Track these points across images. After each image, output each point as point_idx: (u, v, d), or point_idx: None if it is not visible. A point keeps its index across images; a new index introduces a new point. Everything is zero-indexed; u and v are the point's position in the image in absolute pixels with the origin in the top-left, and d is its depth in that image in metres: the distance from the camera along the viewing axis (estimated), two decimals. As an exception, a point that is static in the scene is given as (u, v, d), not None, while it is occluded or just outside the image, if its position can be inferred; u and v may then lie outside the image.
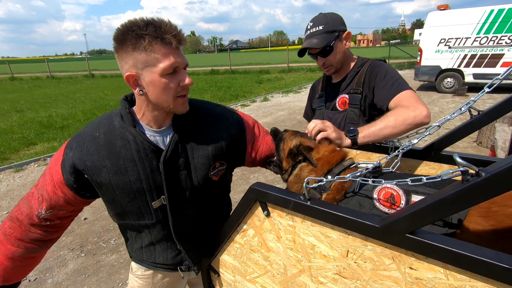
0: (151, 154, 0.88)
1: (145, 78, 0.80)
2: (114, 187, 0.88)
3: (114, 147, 0.86)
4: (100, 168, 0.86)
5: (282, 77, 15.91)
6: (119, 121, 0.88)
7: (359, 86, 1.31)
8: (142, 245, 1.04)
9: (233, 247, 1.02)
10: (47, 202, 0.89)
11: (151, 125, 0.91)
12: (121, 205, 0.92)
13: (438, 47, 8.94)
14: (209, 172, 0.97)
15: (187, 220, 1.00)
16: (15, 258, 0.92)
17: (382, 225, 0.62)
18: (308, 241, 0.79)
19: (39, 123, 7.51)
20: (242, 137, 1.05)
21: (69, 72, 26.75)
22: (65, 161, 0.87)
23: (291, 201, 0.76)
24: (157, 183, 0.90)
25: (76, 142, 0.88)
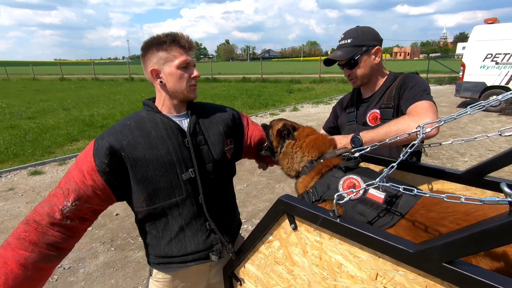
0: (177, 131, 1.05)
1: (165, 70, 1.03)
2: (148, 161, 0.99)
3: (145, 128, 1.02)
4: (135, 145, 0.98)
5: (313, 88, 15.78)
6: (145, 112, 1.07)
7: (390, 100, 1.29)
8: (172, 236, 1.06)
9: (257, 257, 1.03)
10: (74, 193, 0.91)
11: (171, 112, 1.10)
12: (153, 181, 1.00)
13: (483, 62, 8.39)
14: (224, 147, 1.15)
15: (213, 194, 1.11)
16: (28, 266, 0.86)
17: (417, 251, 0.59)
18: (335, 259, 0.77)
19: (82, 121, 8.10)
20: (240, 122, 1.27)
21: (111, 75, 28.67)
22: (99, 148, 0.95)
23: (319, 216, 0.76)
24: (184, 157, 1.04)
25: (107, 133, 1.00)
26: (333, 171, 1.01)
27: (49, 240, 0.89)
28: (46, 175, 4.73)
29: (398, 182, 0.86)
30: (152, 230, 1.08)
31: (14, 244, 0.86)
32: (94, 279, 2.40)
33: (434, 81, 16.77)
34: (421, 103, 1.13)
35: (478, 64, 8.48)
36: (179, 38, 1.04)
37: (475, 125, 7.27)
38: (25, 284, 0.87)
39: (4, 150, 5.66)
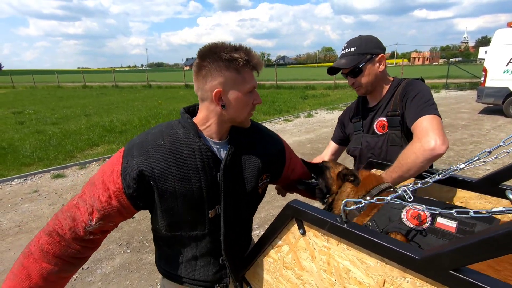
0: (212, 163, 0.93)
1: (231, 95, 0.90)
2: (178, 195, 0.90)
3: (180, 156, 0.90)
4: (167, 175, 0.88)
5: (328, 94, 15.68)
6: (183, 131, 0.93)
7: (396, 107, 1.28)
8: (183, 259, 1.04)
9: (267, 261, 1.04)
10: (99, 213, 0.86)
11: (212, 137, 0.97)
12: (179, 214, 0.93)
13: (507, 67, 8.08)
14: (257, 184, 1.04)
15: (236, 231, 1.05)
16: (50, 278, 0.87)
17: (423, 257, 0.59)
18: (343, 265, 0.78)
19: (102, 127, 8.41)
20: (283, 155, 1.14)
21: (131, 82, 29.64)
22: (127, 169, 0.86)
23: (327, 222, 0.77)
24: (214, 192, 0.95)
25: (138, 150, 0.89)
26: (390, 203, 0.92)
27: (71, 253, 0.88)
28: (67, 179, 4.93)
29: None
30: (166, 249, 1.07)
31: (37, 256, 0.85)
32: (111, 279, 2.48)
33: (454, 87, 16.25)
34: (425, 119, 1.12)
35: (501, 68, 8.18)
36: (251, 58, 0.89)
37: (498, 132, 6.98)
38: None
39: (30, 154, 5.95)
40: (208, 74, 0.88)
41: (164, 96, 16.94)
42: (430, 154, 1.02)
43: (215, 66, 0.86)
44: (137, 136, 0.95)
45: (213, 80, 0.87)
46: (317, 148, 6.26)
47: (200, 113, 0.96)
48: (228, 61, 0.86)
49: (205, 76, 0.88)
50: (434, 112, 1.14)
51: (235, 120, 0.96)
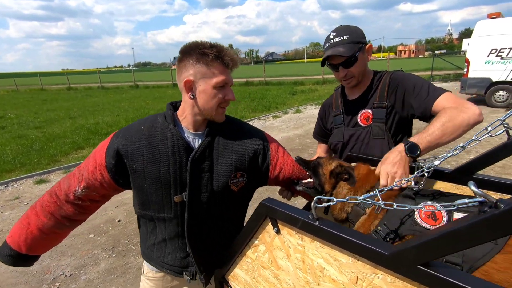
0: (183, 151, 1.00)
1: (199, 86, 0.97)
2: (146, 175, 0.99)
3: (154, 140, 1.00)
4: (138, 156, 0.99)
5: (316, 89, 15.74)
6: (162, 120, 1.03)
7: (383, 99, 1.25)
8: (155, 241, 1.10)
9: (245, 262, 1.02)
10: (85, 182, 1.00)
11: (189, 128, 1.05)
12: (147, 193, 1.02)
13: (488, 57, 8.26)
14: (229, 180, 1.05)
15: (201, 222, 1.06)
16: (44, 230, 1.03)
17: (391, 253, 0.58)
18: (317, 263, 0.76)
19: (87, 129, 8.21)
20: (266, 154, 1.12)
21: (117, 83, 29.07)
22: (110, 147, 1.00)
23: (299, 219, 0.75)
24: (182, 179, 1.00)
25: (123, 132, 1.02)
26: (399, 201, 0.85)
27: (64, 213, 1.03)
28: (51, 184, 4.79)
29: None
30: (143, 227, 1.15)
31: (38, 209, 1.03)
32: (95, 286, 2.41)
33: (439, 79, 16.54)
34: (447, 96, 1.13)
35: (482, 59, 8.35)
36: (223, 54, 0.95)
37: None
38: (41, 244, 1.06)
39: (11, 160, 5.76)
40: (183, 67, 0.97)
41: (151, 96, 16.69)
42: (477, 120, 1.01)
43: (189, 60, 0.95)
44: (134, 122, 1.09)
45: (186, 72, 0.97)
46: (305, 144, 6.27)
47: (181, 104, 1.06)
48: (200, 55, 0.94)
49: (181, 68, 0.98)
50: (444, 90, 1.15)
51: (205, 111, 1.01)
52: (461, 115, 1.02)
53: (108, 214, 3.64)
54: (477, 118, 1.02)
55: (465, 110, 1.03)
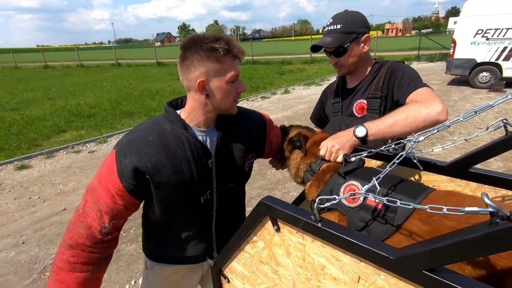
0: (202, 153, 0.98)
1: (213, 84, 0.93)
2: (172, 186, 0.95)
3: (170, 148, 0.94)
4: (161, 168, 0.93)
5: (305, 68, 15.58)
6: (170, 125, 0.97)
7: (378, 90, 1.25)
8: (176, 241, 1.10)
9: (243, 256, 1.02)
10: (108, 215, 0.92)
11: (199, 126, 1.01)
12: (173, 203, 0.99)
13: (474, 38, 8.33)
14: (244, 164, 1.11)
15: (225, 209, 1.11)
16: (87, 283, 0.94)
17: (397, 257, 0.57)
18: (318, 262, 0.76)
19: (69, 111, 7.89)
20: (264, 132, 1.20)
21: (97, 61, 27.76)
22: (123, 168, 0.90)
23: (301, 220, 0.73)
24: (205, 179, 1.01)
25: (129, 149, 0.92)
26: (335, 177, 0.97)
27: (96, 256, 0.95)
28: (33, 169, 4.63)
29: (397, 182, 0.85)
30: (157, 232, 1.12)
31: (67, 269, 0.92)
32: (88, 273, 2.41)
33: (425, 58, 16.68)
34: (422, 90, 1.11)
35: (469, 40, 8.42)
36: (232, 47, 0.92)
37: (465, 102, 7.32)
38: None
39: (-12, 145, 5.50)
40: (190, 65, 0.90)
41: (135, 75, 16.07)
42: (435, 118, 0.99)
43: (197, 57, 0.89)
44: (124, 136, 0.98)
45: (196, 70, 0.90)
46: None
47: (188, 103, 1.00)
48: (209, 51, 0.88)
49: (188, 67, 0.91)
50: (427, 85, 1.14)
51: (220, 108, 0.99)
52: (420, 110, 1.01)
53: (96, 200, 3.58)
54: (437, 115, 0.99)
55: (428, 106, 1.01)
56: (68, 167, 4.66)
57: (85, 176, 4.28)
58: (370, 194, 0.72)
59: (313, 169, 1.08)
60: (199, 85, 0.91)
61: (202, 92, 0.93)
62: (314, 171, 1.07)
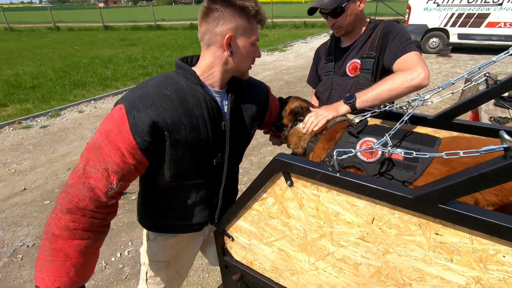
0: (217, 113, 0.97)
1: (240, 42, 0.91)
2: (189, 144, 0.92)
3: (188, 105, 0.90)
4: (179, 125, 0.88)
5: (266, 34, 15.20)
6: (185, 81, 0.93)
7: (372, 50, 1.28)
8: (181, 208, 1.08)
9: (250, 214, 1.05)
10: (117, 174, 0.84)
11: (215, 86, 0.98)
12: (187, 163, 0.95)
13: (427, 4, 8.75)
14: (251, 131, 1.13)
15: (232, 175, 1.13)
16: (87, 251, 0.87)
17: (415, 196, 0.64)
18: (332, 209, 0.82)
19: (6, 82, 6.91)
20: (267, 102, 1.20)
21: (31, 23, 24.08)
22: (137, 123, 0.82)
23: (318, 172, 0.77)
24: (220, 141, 1.00)
25: (144, 102, 0.84)
26: (346, 136, 1.01)
27: (98, 222, 0.87)
28: (-25, 149, 4.09)
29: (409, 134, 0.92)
30: (161, 200, 1.08)
31: (66, 236, 0.82)
32: (65, 251, 2.31)
33: (381, 24, 17.20)
34: (409, 56, 1.16)
35: (422, 6, 8.84)
36: (260, 10, 0.90)
37: (417, 67, 7.83)
38: (91, 265, 0.92)
39: None
40: (220, 18, 0.87)
41: (79, 41, 14.34)
42: (419, 83, 1.08)
43: (229, 11, 0.86)
44: (131, 91, 0.90)
45: (225, 25, 0.87)
46: (262, 92, 6.24)
47: (203, 60, 0.95)
48: (240, 9, 0.86)
49: (217, 19, 0.87)
50: (415, 49, 1.19)
51: (238, 70, 0.97)
52: (404, 75, 1.10)
53: (60, 178, 3.33)
54: (421, 81, 1.09)
55: (412, 73, 1.10)
56: (19, 144, 4.19)
57: (41, 153, 3.91)
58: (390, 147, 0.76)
59: (318, 138, 1.11)
60: (227, 40, 0.88)
61: (227, 48, 0.90)
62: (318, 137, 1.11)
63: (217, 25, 0.87)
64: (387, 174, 0.89)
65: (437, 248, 0.68)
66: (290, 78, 7.15)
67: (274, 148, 3.68)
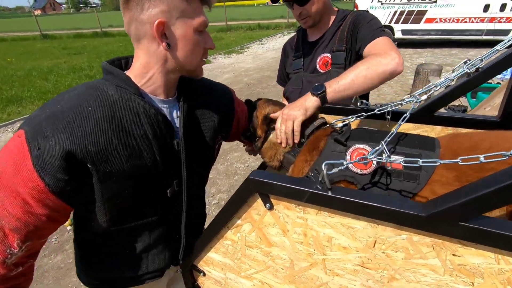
0: (165, 129, 0.73)
1: (177, 29, 0.67)
2: (128, 175, 0.68)
3: (121, 123, 0.66)
4: (110, 152, 0.64)
5: (222, 37, 15.02)
6: (116, 91, 0.68)
7: (342, 42, 1.16)
8: (130, 256, 0.83)
9: (223, 245, 0.87)
10: (19, 233, 0.61)
11: (158, 94, 0.75)
12: (128, 200, 0.71)
13: (372, 3, 9.25)
14: (215, 146, 0.91)
15: (194, 204, 0.89)
16: None
17: (429, 214, 0.52)
18: (324, 233, 0.68)
19: None
20: (232, 108, 0.98)
21: (-50, 35, 21.08)
22: (44, 156, 0.58)
23: (306, 192, 0.62)
24: (171, 164, 0.77)
25: (53, 125, 0.59)
26: (330, 145, 0.84)
27: None
28: None
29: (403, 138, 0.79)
30: (100, 250, 0.83)
31: None
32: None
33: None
34: (381, 40, 1.04)
35: (368, 4, 9.32)
36: None
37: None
38: None
39: None
40: (145, 1, 0.64)
41: (14, 51, 12.85)
42: (394, 68, 0.92)
43: None
44: (37, 110, 0.64)
45: (153, 7, 0.64)
46: (223, 96, 6.05)
47: (137, 60, 0.71)
48: None
49: (140, 2, 0.64)
50: (388, 35, 1.07)
51: (184, 67, 0.73)
52: (378, 59, 0.96)
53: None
54: (396, 66, 0.94)
55: (386, 57, 0.96)
56: None
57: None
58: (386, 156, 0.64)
59: (297, 149, 0.93)
60: (158, 28, 0.64)
61: (161, 40, 0.66)
62: (298, 151, 0.93)
63: (142, 9, 0.64)
64: (385, 186, 0.76)
65: (455, 271, 0.56)
66: (249, 80, 7.05)
67: (242, 154, 3.51)
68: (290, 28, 15.85)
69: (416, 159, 0.58)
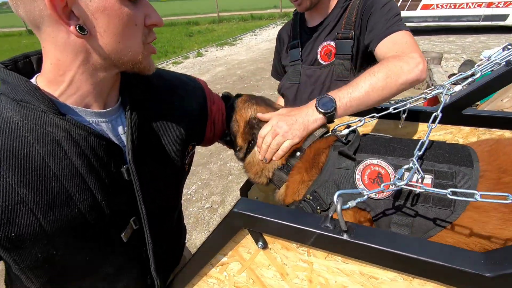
0: (106, 155, 0.53)
1: (89, 0, 0.44)
2: (53, 235, 0.48)
3: (29, 159, 0.46)
4: (13, 208, 0.44)
5: (214, 29, 14.66)
6: (19, 110, 0.46)
7: (350, 27, 0.96)
8: None
9: (207, 282, 0.70)
10: None
11: (87, 104, 0.53)
12: (62, 260, 0.52)
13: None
14: (184, 161, 0.70)
15: (163, 237, 0.70)
16: None
17: (496, 275, 0.35)
18: (336, 282, 0.51)
19: None
20: (205, 107, 0.77)
21: None
22: None
23: (311, 233, 0.45)
24: (121, 200, 0.57)
25: None
26: (334, 160, 0.66)
27: None
28: None
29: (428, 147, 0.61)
30: None
31: None
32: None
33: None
34: (400, 36, 0.83)
35: None
36: None
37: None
38: None
39: None
40: None
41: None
42: (417, 77, 0.74)
43: None
44: None
45: None
46: (215, 90, 5.80)
47: (46, 60, 0.49)
48: None
49: None
50: (406, 28, 0.86)
51: (118, 60, 0.50)
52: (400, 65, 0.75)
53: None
54: (419, 75, 0.75)
55: (408, 61, 0.75)
56: None
57: None
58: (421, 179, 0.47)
59: (290, 165, 0.74)
60: (54, 3, 0.42)
61: (67, 21, 0.44)
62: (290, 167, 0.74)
63: None
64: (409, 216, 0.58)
65: None
66: (243, 72, 6.81)
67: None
68: (283, 18, 15.49)
69: (473, 191, 0.41)
